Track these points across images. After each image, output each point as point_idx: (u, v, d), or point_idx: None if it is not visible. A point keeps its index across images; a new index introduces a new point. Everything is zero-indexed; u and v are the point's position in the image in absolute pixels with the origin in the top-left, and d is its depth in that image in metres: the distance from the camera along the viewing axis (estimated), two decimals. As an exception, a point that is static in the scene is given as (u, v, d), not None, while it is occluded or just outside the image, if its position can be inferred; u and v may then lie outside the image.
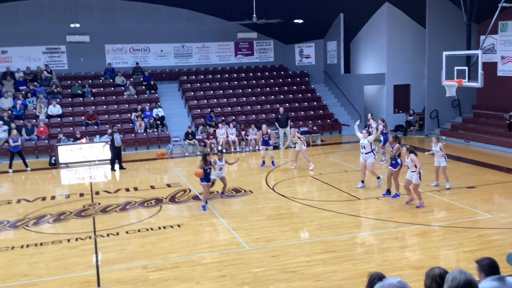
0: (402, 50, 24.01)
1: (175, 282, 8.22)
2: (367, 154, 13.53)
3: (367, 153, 13.53)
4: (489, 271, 4.32)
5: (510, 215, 11.17)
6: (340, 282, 7.96)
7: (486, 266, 4.33)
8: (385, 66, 24.17)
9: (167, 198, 13.66)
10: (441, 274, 3.71)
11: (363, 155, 13.67)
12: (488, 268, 4.33)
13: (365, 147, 13.55)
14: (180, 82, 25.77)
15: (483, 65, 16.46)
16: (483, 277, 4.23)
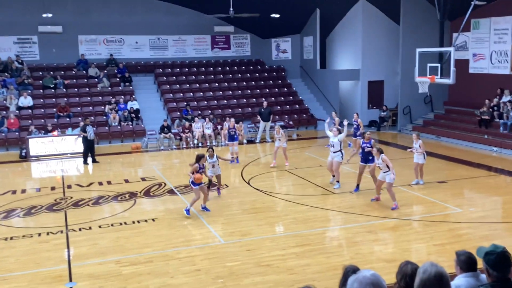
0: (377, 46, 24.26)
1: (149, 276, 8.17)
2: (335, 153, 13.25)
3: (335, 151, 13.24)
4: (465, 267, 4.42)
5: (479, 209, 11.44)
6: (313, 275, 8.04)
7: (463, 261, 4.42)
8: (360, 62, 24.40)
9: (141, 192, 13.54)
10: (412, 274, 3.79)
11: (331, 154, 13.41)
12: (464, 264, 4.43)
13: (334, 146, 13.26)
14: (156, 75, 25.52)
15: (455, 62, 16.76)
16: (459, 272, 4.31)
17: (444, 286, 3.30)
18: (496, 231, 10.09)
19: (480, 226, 10.38)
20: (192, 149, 20.26)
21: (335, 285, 5.05)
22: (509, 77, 20.05)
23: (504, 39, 20.18)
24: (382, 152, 11.38)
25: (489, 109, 19.69)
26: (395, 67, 24.01)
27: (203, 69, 26.36)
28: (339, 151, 13.29)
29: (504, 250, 3.76)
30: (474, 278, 4.30)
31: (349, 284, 2.94)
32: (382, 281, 2.86)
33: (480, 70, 21.38)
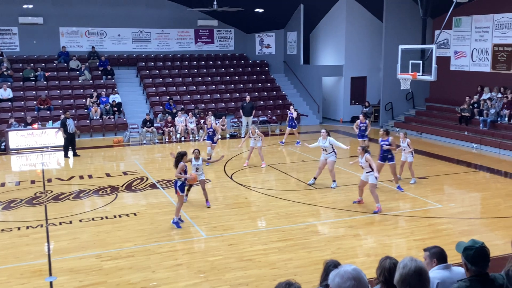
0: (360, 43, 24.40)
1: (130, 271, 8.13)
2: (328, 154, 13.09)
3: (329, 153, 13.08)
4: (439, 258, 4.54)
5: (459, 205, 11.62)
6: (295, 270, 8.08)
7: (436, 253, 4.55)
8: (343, 58, 24.52)
9: (123, 186, 13.45)
10: (390, 269, 3.86)
11: (324, 155, 13.21)
12: (438, 256, 4.56)
13: (327, 149, 13.05)
14: (138, 68, 25.29)
15: (437, 59, 16.95)
16: (433, 264, 4.42)
17: (423, 281, 3.35)
18: (475, 226, 10.26)
19: (460, 221, 10.54)
20: (174, 144, 20.16)
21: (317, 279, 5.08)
22: (489, 74, 20.35)
23: (485, 37, 20.46)
24: (367, 152, 11.01)
25: (469, 106, 19.97)
26: (378, 64, 24.19)
27: (186, 63, 26.22)
28: (333, 152, 13.07)
29: (482, 245, 3.82)
30: (446, 270, 4.44)
31: (330, 279, 2.96)
32: (363, 275, 2.89)
33: (461, 67, 21.65)
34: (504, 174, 14.70)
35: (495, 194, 12.66)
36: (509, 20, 19.39)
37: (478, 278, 3.75)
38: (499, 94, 19.61)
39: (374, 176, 10.99)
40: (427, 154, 17.38)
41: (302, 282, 4.16)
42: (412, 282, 3.32)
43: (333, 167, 13.16)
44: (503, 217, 10.66)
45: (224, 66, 26.58)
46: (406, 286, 3.34)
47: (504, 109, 18.75)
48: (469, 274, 3.84)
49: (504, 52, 19.72)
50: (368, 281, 3.00)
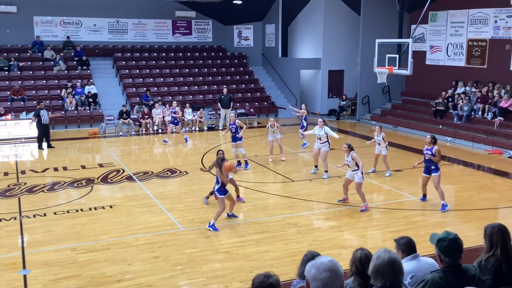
0: (338, 36, 24.51)
1: (106, 263, 8.06)
2: (322, 144, 13.21)
3: (323, 143, 13.21)
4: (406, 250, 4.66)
5: (433, 197, 11.80)
6: (272, 262, 8.13)
7: (403, 244, 4.67)
8: (321, 51, 24.60)
9: (98, 179, 13.29)
10: (361, 259, 3.94)
11: (318, 144, 13.33)
12: (405, 247, 4.67)
13: (321, 138, 13.17)
14: (115, 59, 24.95)
15: (413, 54, 17.14)
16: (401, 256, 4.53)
17: (397, 272, 3.40)
18: (449, 218, 10.46)
19: (434, 213, 10.73)
20: (151, 136, 19.99)
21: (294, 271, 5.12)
22: (464, 69, 20.70)
23: (460, 32, 20.77)
24: (352, 150, 10.73)
25: (444, 100, 20.28)
26: (355, 57, 24.34)
27: (164, 54, 25.97)
28: (326, 142, 13.16)
29: (456, 237, 3.90)
30: (413, 260, 4.57)
31: (307, 270, 2.98)
32: (339, 267, 2.92)
33: (437, 61, 21.96)
34: (477, 167, 15.00)
35: (468, 187, 12.92)
36: (484, 15, 19.72)
37: (451, 269, 3.83)
38: (473, 89, 19.96)
39: (360, 174, 10.60)
40: (403, 147, 17.60)
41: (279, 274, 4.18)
42: (385, 273, 3.37)
43: (326, 157, 13.32)
44: (476, 209, 10.89)
45: (202, 58, 26.42)
46: (379, 276, 3.39)
47: (478, 103, 19.10)
48: (442, 265, 3.92)
49: (478, 47, 20.06)
50: (344, 272, 3.03)
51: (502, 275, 4.03)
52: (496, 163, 15.30)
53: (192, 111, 21.30)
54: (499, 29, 19.16)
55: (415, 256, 4.65)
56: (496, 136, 17.46)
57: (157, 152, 17.52)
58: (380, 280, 3.39)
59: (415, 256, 4.65)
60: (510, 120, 17.71)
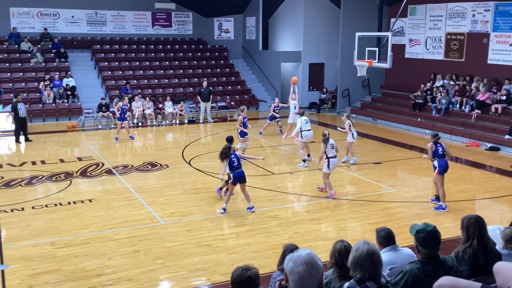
0: (318, 29, 24.56)
1: (86, 258, 7.99)
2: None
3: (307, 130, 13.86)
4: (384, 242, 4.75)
5: (412, 189, 11.97)
6: (253, 254, 8.16)
7: (382, 237, 4.75)
8: (302, 44, 24.63)
9: (77, 172, 13.14)
10: (340, 251, 3.99)
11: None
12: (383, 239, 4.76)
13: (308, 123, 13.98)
14: (93, 51, 24.60)
15: (392, 47, 17.26)
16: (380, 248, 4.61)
17: (375, 263, 3.44)
18: (427, 210, 10.61)
19: (412, 205, 10.88)
20: (131, 129, 19.81)
21: (274, 263, 5.15)
22: (442, 62, 20.95)
23: (438, 26, 21.00)
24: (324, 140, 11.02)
25: (422, 93, 20.51)
26: (336, 50, 24.44)
27: (144, 46, 25.69)
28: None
29: (434, 228, 3.95)
30: (393, 251, 4.65)
31: (285, 263, 3.00)
32: (317, 260, 2.94)
33: (416, 55, 22.17)
34: (455, 159, 15.23)
35: (446, 179, 13.04)
36: (462, 9, 19.96)
37: (429, 260, 3.89)
38: (451, 82, 20.22)
39: (325, 164, 10.95)
40: (382, 140, 17.78)
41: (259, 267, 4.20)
42: (364, 264, 3.41)
43: (300, 147, 13.80)
44: (454, 200, 11.07)
45: (182, 51, 26.22)
46: (358, 268, 3.44)
47: (456, 97, 19.37)
48: (421, 256, 3.98)
49: (456, 40, 20.31)
50: (323, 264, 3.05)
51: (479, 266, 4.11)
52: (473, 155, 15.56)
53: (172, 104, 21.16)
54: (477, 23, 19.42)
55: (393, 247, 4.73)
56: (474, 128, 17.74)
57: (137, 145, 17.38)
58: (359, 272, 3.43)
59: (394, 247, 4.73)
60: (487, 113, 18.01)
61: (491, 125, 17.39)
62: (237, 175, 9.93)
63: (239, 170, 9.96)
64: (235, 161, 9.94)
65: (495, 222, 9.51)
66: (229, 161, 9.96)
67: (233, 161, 9.93)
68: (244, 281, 3.28)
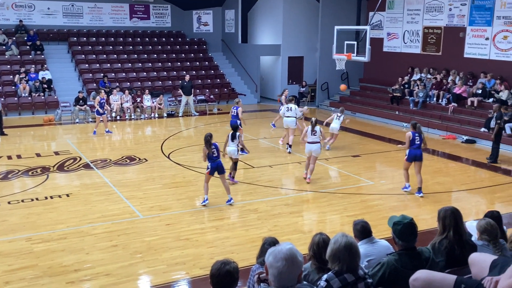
0: (297, 22, 24.58)
1: (63, 253, 7.89)
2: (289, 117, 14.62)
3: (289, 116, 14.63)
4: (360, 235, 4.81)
5: (389, 182, 12.11)
6: (232, 248, 8.16)
7: (358, 230, 4.81)
8: (281, 37, 24.63)
9: (54, 167, 12.95)
10: (319, 243, 4.02)
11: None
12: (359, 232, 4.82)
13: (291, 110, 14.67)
14: (70, 43, 24.21)
15: (371, 41, 17.39)
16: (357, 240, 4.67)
17: (353, 256, 3.48)
18: (404, 202, 10.75)
19: (390, 197, 11.01)
20: (109, 122, 19.58)
21: (254, 256, 5.16)
22: (419, 56, 21.18)
23: (416, 19, 21.21)
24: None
25: (400, 86, 20.73)
26: (315, 44, 24.50)
27: (121, 39, 25.37)
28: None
29: (411, 221, 4.00)
30: (369, 244, 4.72)
31: (266, 256, 3.01)
32: (297, 256, 2.95)
33: (393, 49, 22.38)
34: (432, 152, 15.45)
35: (423, 171, 13.23)
36: (439, 3, 20.19)
37: (406, 252, 3.94)
38: (428, 75, 20.47)
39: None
40: (361, 133, 17.93)
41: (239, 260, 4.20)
42: (342, 257, 3.44)
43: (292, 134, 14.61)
44: (430, 193, 11.24)
45: (161, 44, 25.97)
46: (336, 260, 3.47)
47: (433, 90, 19.62)
48: (398, 248, 4.03)
49: (433, 34, 20.56)
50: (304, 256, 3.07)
51: (455, 257, 4.18)
52: (450, 148, 15.81)
53: (151, 98, 20.98)
54: (454, 17, 19.67)
55: (370, 239, 4.78)
56: (450, 121, 18.02)
57: (115, 139, 17.20)
58: (337, 264, 3.46)
59: (370, 239, 4.78)
60: (463, 106, 18.29)
61: (467, 118, 17.68)
62: (215, 165, 9.97)
63: (217, 160, 9.98)
64: (215, 152, 9.95)
65: (471, 213, 9.71)
66: (210, 151, 9.95)
67: (213, 152, 9.95)
68: (223, 275, 3.28)
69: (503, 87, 17.27)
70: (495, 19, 18.16)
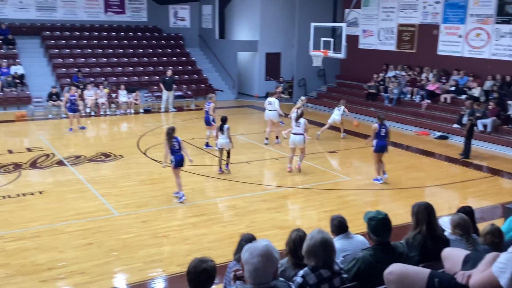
0: (275, 19, 24.57)
1: (36, 251, 7.75)
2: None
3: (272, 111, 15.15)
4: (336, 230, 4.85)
5: (365, 177, 12.23)
6: (209, 244, 8.14)
7: (335, 225, 4.86)
8: (258, 34, 24.60)
9: (27, 163, 12.70)
10: (295, 240, 4.04)
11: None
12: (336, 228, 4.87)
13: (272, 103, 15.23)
14: (43, 38, 23.73)
15: (347, 38, 17.53)
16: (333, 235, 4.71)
17: (329, 252, 3.50)
18: (380, 197, 10.89)
19: (366, 192, 11.13)
20: (84, 118, 19.29)
21: (231, 253, 5.16)
22: (394, 53, 21.42)
23: (391, 17, 21.44)
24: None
25: (375, 83, 20.95)
26: (292, 40, 24.55)
27: (96, 33, 24.99)
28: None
29: (385, 216, 4.05)
30: (345, 239, 4.77)
31: (242, 253, 3.01)
32: (273, 252, 2.95)
33: (369, 46, 22.58)
34: (406, 147, 15.68)
35: (397, 167, 13.49)
36: (413, 1, 20.43)
37: (381, 247, 3.99)
38: (402, 72, 20.73)
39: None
40: (337, 129, 18.03)
41: (216, 256, 4.20)
42: (318, 252, 3.47)
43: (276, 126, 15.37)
44: (404, 188, 11.40)
45: (137, 38, 25.67)
46: (312, 256, 3.49)
47: (407, 87, 19.88)
48: (372, 243, 4.08)
49: (408, 32, 20.81)
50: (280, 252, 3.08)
51: (428, 251, 4.25)
52: (423, 144, 16.06)
53: (127, 93, 20.73)
54: (428, 14, 19.94)
55: (346, 235, 4.83)
56: (424, 118, 18.29)
57: (90, 135, 16.96)
58: (313, 260, 3.48)
59: (347, 234, 4.83)
60: (437, 102, 18.59)
61: (440, 115, 17.98)
62: (178, 158, 10.07)
63: (179, 154, 10.07)
64: (176, 145, 10.06)
65: (444, 208, 9.88)
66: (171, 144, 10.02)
67: (174, 145, 10.04)
68: (199, 272, 3.27)
69: (476, 84, 17.61)
70: (468, 17, 18.48)
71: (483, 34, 18.02)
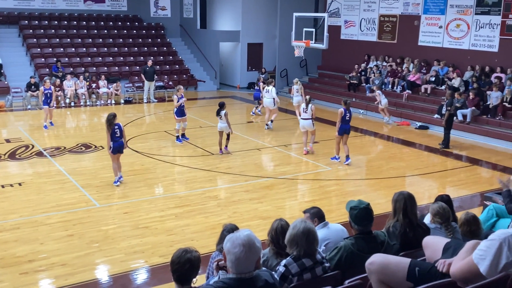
0: (256, 9, 24.47)
1: (16, 244, 7.66)
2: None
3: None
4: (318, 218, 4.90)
5: (346, 167, 12.33)
6: (192, 235, 8.14)
7: (315, 214, 4.91)
8: (240, 24, 24.48)
9: (6, 155, 12.50)
10: (277, 229, 4.07)
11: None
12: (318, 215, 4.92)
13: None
14: (20, 27, 23.26)
15: (329, 28, 17.54)
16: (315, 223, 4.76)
17: (311, 240, 3.53)
18: (361, 187, 10.99)
19: (347, 182, 11.22)
20: (63, 109, 19.03)
21: (213, 243, 5.16)
22: (375, 43, 21.53)
23: (372, 8, 21.51)
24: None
25: (357, 74, 21.04)
26: (274, 30, 24.49)
27: (75, 22, 24.58)
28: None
29: (367, 206, 4.09)
30: (326, 228, 4.84)
31: (224, 243, 3.02)
32: (255, 242, 2.96)
33: (351, 36, 22.65)
34: (387, 138, 15.82)
35: (378, 157, 13.63)
36: (394, -8, 20.52)
37: (362, 236, 4.03)
38: (384, 63, 20.86)
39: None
40: (319, 120, 18.07)
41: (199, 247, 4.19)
42: (300, 241, 3.49)
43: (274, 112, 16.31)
44: (385, 177, 11.52)
45: (117, 28, 25.32)
46: (294, 245, 3.52)
47: (388, 77, 20.02)
48: (354, 232, 4.12)
49: (389, 22, 20.92)
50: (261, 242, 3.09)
51: (408, 240, 4.31)
52: (404, 134, 16.22)
53: (107, 84, 20.49)
54: (409, 5, 20.06)
55: (325, 224, 4.88)
56: (404, 108, 18.46)
57: (70, 126, 16.74)
58: (296, 249, 3.50)
59: (325, 224, 4.89)
60: (417, 93, 18.77)
61: (420, 105, 18.16)
62: (117, 145, 10.28)
63: (119, 141, 10.30)
64: (118, 132, 10.27)
65: (424, 197, 10.02)
66: (112, 130, 10.18)
67: (116, 132, 10.23)
68: (183, 262, 3.27)
69: (455, 75, 17.81)
70: (448, 8, 18.63)
71: (463, 25, 18.21)
